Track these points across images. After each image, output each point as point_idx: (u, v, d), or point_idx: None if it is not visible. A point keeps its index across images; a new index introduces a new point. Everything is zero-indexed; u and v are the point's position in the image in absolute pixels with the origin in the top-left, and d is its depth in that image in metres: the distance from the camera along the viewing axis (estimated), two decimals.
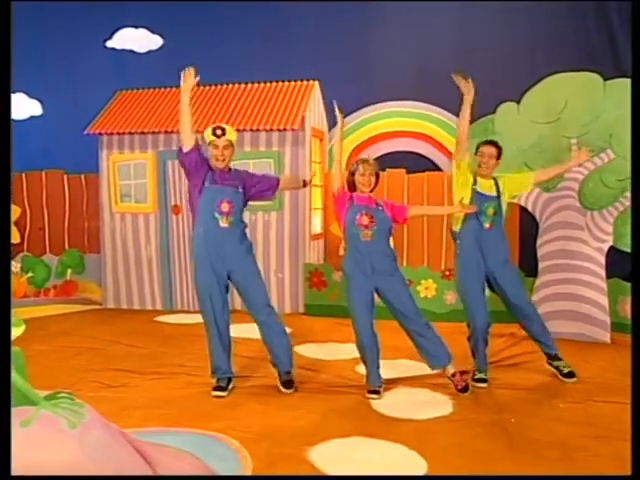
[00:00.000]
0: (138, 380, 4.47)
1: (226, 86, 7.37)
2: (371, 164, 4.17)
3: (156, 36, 8.55)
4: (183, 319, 6.62)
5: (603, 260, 5.47)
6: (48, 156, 8.28)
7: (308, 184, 4.76)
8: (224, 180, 4.16)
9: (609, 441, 3.31)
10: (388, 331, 4.27)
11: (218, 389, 4.15)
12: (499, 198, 4.43)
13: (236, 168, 4.31)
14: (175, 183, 6.94)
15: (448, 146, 7.67)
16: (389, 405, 3.92)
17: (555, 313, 5.46)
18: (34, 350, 4.95)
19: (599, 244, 5.47)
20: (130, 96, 7.55)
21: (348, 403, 3.98)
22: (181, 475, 2.10)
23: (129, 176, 7.12)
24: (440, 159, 7.84)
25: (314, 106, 7.15)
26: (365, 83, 7.89)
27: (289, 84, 7.21)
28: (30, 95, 8.57)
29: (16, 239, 7.69)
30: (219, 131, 4.11)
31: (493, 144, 4.46)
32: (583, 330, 5.46)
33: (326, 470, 3.00)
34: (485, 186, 4.43)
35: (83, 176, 8.04)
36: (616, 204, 5.38)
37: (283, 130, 6.67)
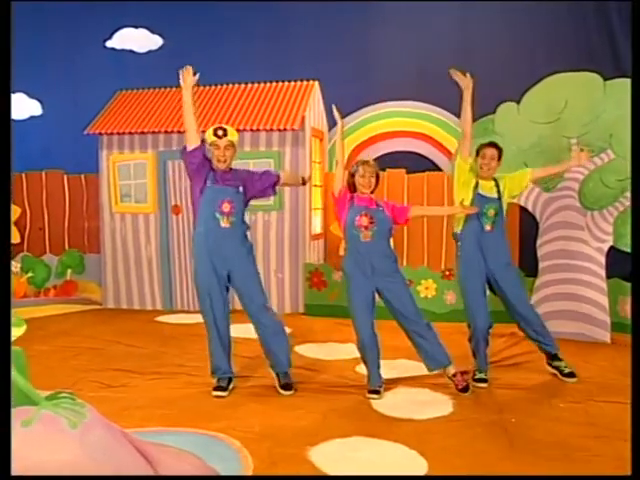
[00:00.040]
0: (138, 380, 4.47)
1: (226, 86, 7.37)
2: (371, 165, 4.16)
3: (156, 36, 8.55)
4: (183, 319, 6.61)
5: (603, 260, 5.47)
6: (48, 156, 8.29)
7: (307, 182, 4.75)
8: (225, 180, 4.16)
9: (609, 441, 3.31)
10: (388, 331, 4.27)
11: (219, 389, 4.15)
12: (500, 200, 4.43)
13: (236, 168, 4.31)
14: (175, 183, 6.94)
15: (448, 146, 7.68)
16: (389, 405, 3.92)
17: (555, 313, 5.46)
18: (34, 350, 4.95)
19: (599, 244, 5.48)
20: (130, 96, 7.55)
21: (349, 403, 3.98)
22: (182, 475, 2.09)
23: (129, 176, 7.12)
24: (440, 159, 7.84)
25: (314, 106, 7.15)
26: (365, 83, 7.89)
27: (289, 84, 7.21)
28: (30, 95, 8.57)
29: (16, 239, 7.69)
30: (220, 132, 4.11)
31: (494, 145, 4.46)
32: (583, 330, 5.46)
33: (327, 470, 3.00)
34: (486, 187, 4.43)
35: (83, 176, 8.04)
36: (616, 204, 5.39)
37: (283, 130, 6.67)
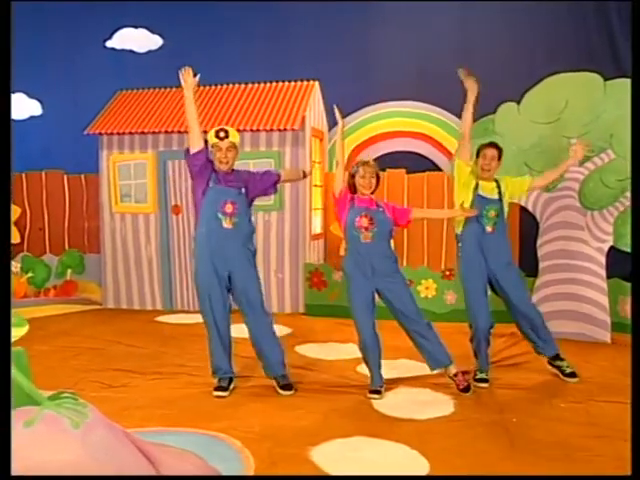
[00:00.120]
0: (139, 380, 4.47)
1: (226, 86, 7.37)
2: (371, 166, 4.16)
3: (156, 36, 8.55)
4: (183, 319, 6.62)
5: (603, 260, 5.47)
6: (48, 156, 8.29)
7: (308, 175, 4.72)
8: (228, 181, 4.16)
9: (610, 441, 3.32)
10: (388, 331, 4.27)
11: (219, 389, 4.15)
12: (501, 200, 4.43)
13: (238, 169, 4.31)
14: (175, 183, 6.94)
15: (448, 146, 7.68)
16: (390, 405, 3.92)
17: (555, 313, 5.46)
18: (35, 350, 4.94)
19: (599, 244, 5.48)
20: (130, 96, 7.55)
21: (349, 403, 3.98)
22: (184, 475, 2.10)
23: (129, 176, 7.11)
24: (440, 159, 7.84)
25: (314, 106, 7.15)
26: (365, 83, 7.90)
27: (289, 84, 7.21)
28: (30, 95, 8.57)
29: (16, 239, 7.69)
30: (222, 133, 4.11)
31: (494, 146, 4.46)
32: (584, 330, 5.47)
33: (328, 470, 3.00)
34: (487, 189, 4.43)
35: (83, 176, 8.03)
36: (616, 204, 5.39)
37: (283, 130, 6.67)
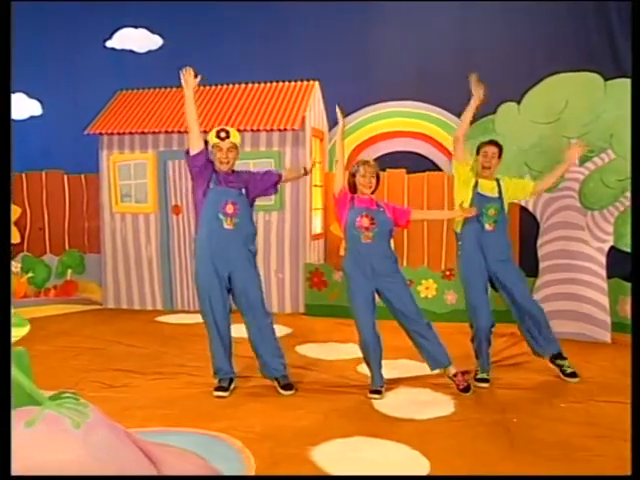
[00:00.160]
0: (139, 380, 4.47)
1: (226, 86, 7.37)
2: (372, 165, 4.17)
3: (156, 36, 8.55)
4: (183, 319, 6.62)
5: (604, 260, 5.48)
6: (48, 156, 8.28)
7: (309, 172, 4.68)
8: (228, 182, 4.16)
9: (611, 441, 3.32)
10: (389, 331, 4.27)
11: (220, 389, 4.15)
12: (501, 199, 4.44)
13: (238, 170, 4.31)
14: (175, 183, 6.94)
15: (448, 146, 7.66)
16: (391, 405, 3.92)
17: (556, 313, 5.45)
18: (35, 350, 4.92)
19: (600, 244, 5.48)
20: (130, 96, 7.55)
21: (350, 403, 3.98)
22: (186, 475, 2.10)
23: (129, 176, 7.11)
24: (440, 159, 7.84)
25: (314, 106, 7.15)
26: (365, 83, 7.90)
27: (289, 84, 7.21)
28: (30, 95, 8.57)
29: (16, 239, 7.69)
30: (223, 134, 4.11)
31: (494, 143, 4.48)
32: (584, 330, 5.47)
33: (329, 470, 3.00)
34: (487, 187, 4.44)
35: (83, 176, 8.03)
36: (616, 204, 5.39)
37: (283, 130, 6.67)
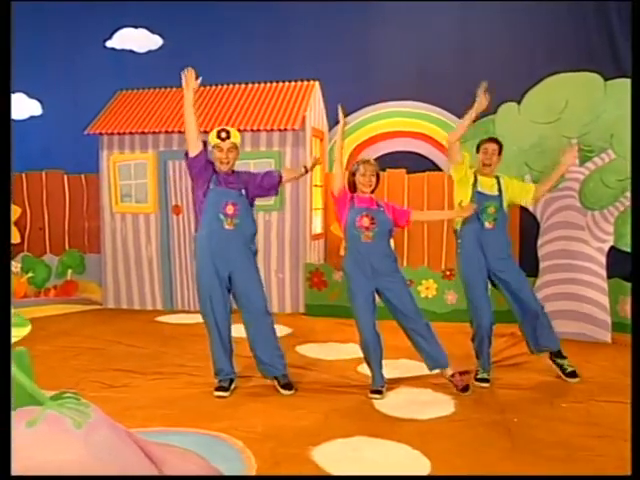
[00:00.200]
0: (140, 380, 4.47)
1: (226, 86, 7.37)
2: (372, 164, 4.18)
3: (156, 36, 8.55)
4: (183, 319, 6.62)
5: (604, 260, 5.48)
6: (48, 156, 8.28)
7: (310, 170, 4.62)
8: (228, 183, 4.16)
9: (611, 441, 3.32)
10: (389, 331, 4.26)
11: (220, 389, 4.15)
12: (501, 197, 4.43)
13: (239, 170, 4.31)
14: (176, 183, 6.94)
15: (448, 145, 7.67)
16: (392, 405, 3.92)
17: (556, 313, 5.44)
18: (35, 350, 4.92)
19: (600, 244, 5.48)
20: (130, 96, 7.55)
21: (350, 403, 3.98)
22: (187, 475, 2.10)
23: (129, 176, 7.11)
24: (440, 159, 7.83)
25: (314, 106, 7.15)
26: (365, 83, 7.89)
27: (289, 84, 7.21)
28: (30, 95, 8.57)
29: (16, 239, 7.69)
30: (224, 134, 4.10)
31: (494, 140, 4.49)
32: (584, 330, 5.47)
33: (330, 470, 3.00)
34: (487, 185, 4.44)
35: (83, 176, 8.03)
36: (617, 204, 5.39)
37: (284, 130, 6.67)
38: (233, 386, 4.22)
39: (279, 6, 8.08)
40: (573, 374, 4.43)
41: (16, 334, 2.02)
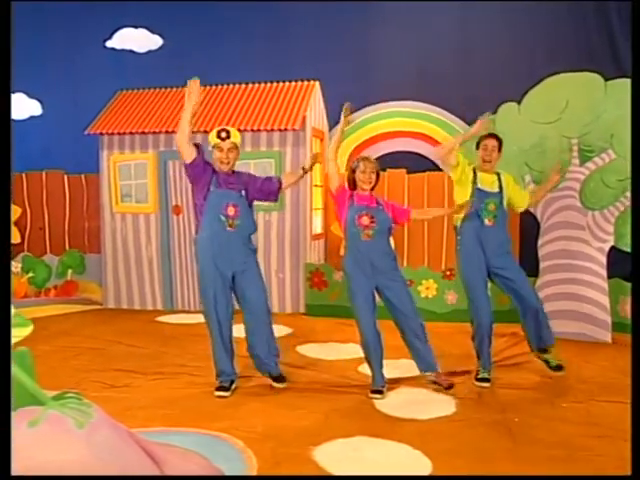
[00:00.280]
0: (140, 380, 4.47)
1: (226, 86, 7.37)
2: (372, 161, 4.21)
3: (156, 36, 8.55)
4: (184, 319, 6.62)
5: (604, 260, 5.48)
6: (48, 156, 8.29)
7: (308, 170, 4.57)
8: (229, 184, 4.16)
9: (612, 441, 3.33)
10: (390, 331, 4.26)
11: (221, 389, 4.15)
12: (501, 193, 4.43)
13: (239, 171, 4.31)
14: (176, 183, 6.94)
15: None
16: (392, 405, 3.92)
17: (556, 313, 5.46)
18: (36, 350, 4.92)
19: (600, 244, 5.48)
20: (130, 96, 7.55)
21: (351, 403, 3.98)
22: (189, 475, 2.10)
23: (130, 176, 7.11)
24: None
25: (315, 106, 7.15)
26: (365, 83, 7.89)
27: (290, 84, 7.21)
28: (30, 95, 8.57)
29: (16, 239, 7.69)
30: (224, 134, 4.10)
31: (494, 136, 4.50)
32: (584, 330, 5.47)
33: (331, 470, 3.00)
34: (487, 181, 4.43)
35: (83, 176, 8.04)
36: (617, 204, 5.39)
37: (284, 130, 6.67)
38: (234, 386, 4.22)
39: (279, 6, 8.08)
40: (559, 367, 4.45)
41: (18, 334, 2.01)
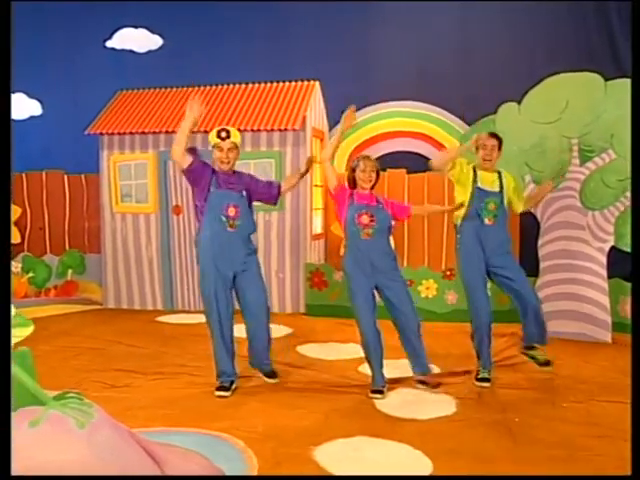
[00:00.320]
0: (141, 380, 4.47)
1: (226, 86, 7.37)
2: (372, 160, 4.22)
3: (156, 36, 8.54)
4: (184, 319, 6.62)
5: (604, 260, 5.48)
6: (48, 156, 8.28)
7: (304, 174, 4.60)
8: (229, 184, 4.16)
9: (612, 440, 3.33)
10: (390, 331, 4.27)
11: (221, 389, 4.15)
12: (502, 193, 4.43)
13: (240, 172, 4.31)
14: (176, 183, 6.94)
15: (448, 146, 7.67)
16: (393, 405, 3.92)
17: (556, 313, 5.47)
18: (36, 350, 4.92)
19: (600, 244, 5.49)
20: (130, 96, 7.55)
21: (351, 403, 3.98)
22: (189, 475, 2.10)
23: (130, 176, 7.11)
24: None
25: (315, 106, 7.15)
26: (365, 83, 7.88)
27: (290, 84, 7.21)
28: (30, 95, 8.56)
29: (16, 239, 7.69)
30: (224, 133, 4.10)
31: (494, 135, 4.49)
32: (584, 330, 5.47)
33: (332, 470, 3.00)
34: (487, 180, 4.43)
35: (83, 176, 8.03)
36: (617, 204, 5.39)
37: (284, 130, 6.67)
38: (234, 386, 4.22)
39: (279, 6, 8.08)
40: (547, 363, 4.46)
41: (18, 334, 2.01)
